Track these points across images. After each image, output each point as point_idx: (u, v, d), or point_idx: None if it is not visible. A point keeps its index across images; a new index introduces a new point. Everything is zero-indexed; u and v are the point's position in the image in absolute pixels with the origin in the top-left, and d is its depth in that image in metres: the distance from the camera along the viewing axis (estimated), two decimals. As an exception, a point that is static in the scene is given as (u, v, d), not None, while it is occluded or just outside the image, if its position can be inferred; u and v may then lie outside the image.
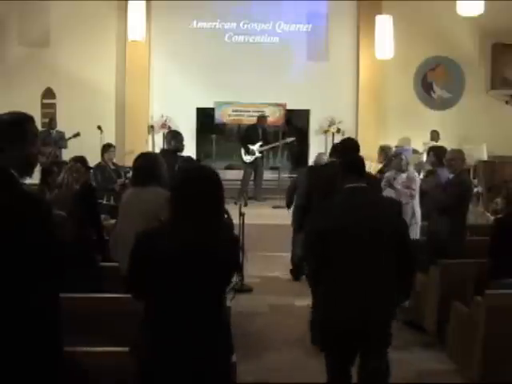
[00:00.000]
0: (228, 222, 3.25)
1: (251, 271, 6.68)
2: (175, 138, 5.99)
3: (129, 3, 10.90)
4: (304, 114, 12.38)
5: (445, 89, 12.46)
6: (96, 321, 3.26)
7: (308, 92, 11.83)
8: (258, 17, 12.12)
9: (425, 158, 8.57)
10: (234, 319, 3.27)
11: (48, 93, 11.63)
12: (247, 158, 10.57)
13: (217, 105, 11.79)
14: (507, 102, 12.30)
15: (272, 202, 10.00)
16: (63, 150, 10.10)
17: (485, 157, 10.64)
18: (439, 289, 4.88)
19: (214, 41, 12.01)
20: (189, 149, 8.21)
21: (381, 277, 3.13)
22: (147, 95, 11.98)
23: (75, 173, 4.62)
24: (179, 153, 5.89)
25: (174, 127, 10.56)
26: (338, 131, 11.82)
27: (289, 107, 11.88)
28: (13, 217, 2.20)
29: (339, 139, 8.58)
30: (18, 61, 11.52)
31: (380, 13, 11.45)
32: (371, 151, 8.40)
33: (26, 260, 2.20)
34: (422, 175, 6.89)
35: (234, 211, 6.14)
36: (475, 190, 8.29)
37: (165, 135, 8.55)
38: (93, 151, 8.39)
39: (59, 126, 10.50)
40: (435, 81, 12.46)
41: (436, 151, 6.15)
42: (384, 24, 11.09)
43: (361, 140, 11.67)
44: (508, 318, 3.92)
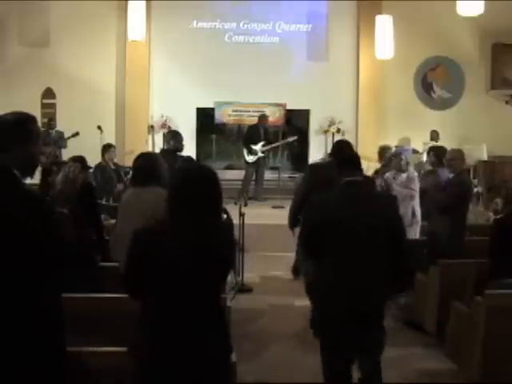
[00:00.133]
0: (228, 223, 3.25)
1: (251, 271, 6.68)
2: (174, 138, 6.00)
3: (129, 3, 10.89)
4: (304, 114, 12.37)
5: (445, 89, 12.46)
6: (96, 321, 3.26)
7: (308, 92, 11.82)
8: (258, 17, 12.13)
9: (425, 158, 8.58)
10: (234, 319, 3.28)
11: (48, 93, 11.63)
12: (250, 158, 10.54)
13: (217, 105, 11.79)
14: (507, 102, 12.31)
15: (272, 202, 10.02)
16: (63, 150, 10.10)
17: (485, 157, 10.66)
18: (439, 289, 4.87)
19: (214, 41, 12.01)
20: (189, 149, 8.22)
21: (375, 271, 3.14)
22: (147, 95, 11.99)
23: (71, 173, 4.61)
24: (179, 153, 5.89)
25: (174, 127, 10.56)
26: (338, 131, 11.81)
27: (289, 107, 11.86)
28: (16, 216, 2.20)
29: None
30: (18, 61, 11.52)
31: (380, 13, 11.45)
32: (371, 151, 8.39)
33: (31, 259, 2.20)
34: (421, 175, 6.88)
35: (234, 211, 6.15)
36: (475, 190, 8.30)
37: (164, 135, 8.56)
38: (93, 151, 8.39)
39: (59, 126, 10.52)
40: (435, 81, 12.46)
41: (436, 151, 6.16)
42: (384, 24, 11.08)
43: (361, 140, 11.92)
44: (508, 318, 3.91)
